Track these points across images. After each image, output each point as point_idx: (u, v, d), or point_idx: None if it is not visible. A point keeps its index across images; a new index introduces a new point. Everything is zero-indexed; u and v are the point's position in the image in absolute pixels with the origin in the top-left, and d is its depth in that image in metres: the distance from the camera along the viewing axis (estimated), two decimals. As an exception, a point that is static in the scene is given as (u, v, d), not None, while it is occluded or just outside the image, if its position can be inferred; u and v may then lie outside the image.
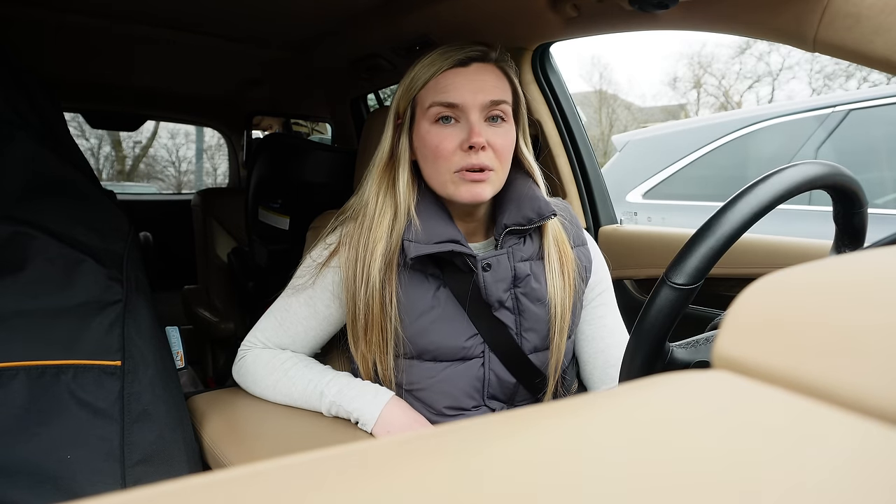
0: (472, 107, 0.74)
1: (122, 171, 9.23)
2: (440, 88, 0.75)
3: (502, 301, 0.79)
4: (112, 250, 0.80)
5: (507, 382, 0.81)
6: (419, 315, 0.78)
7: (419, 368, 0.80)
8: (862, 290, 0.21)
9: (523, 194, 0.80)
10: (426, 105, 0.76)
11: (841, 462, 0.14)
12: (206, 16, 1.37)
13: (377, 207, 0.80)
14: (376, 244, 0.77)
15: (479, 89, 0.74)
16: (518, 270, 0.79)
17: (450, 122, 0.75)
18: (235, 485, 0.15)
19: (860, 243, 0.66)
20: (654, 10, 0.91)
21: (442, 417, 0.81)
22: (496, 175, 0.76)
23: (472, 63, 0.76)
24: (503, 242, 0.79)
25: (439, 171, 0.76)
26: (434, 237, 0.75)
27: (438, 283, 0.80)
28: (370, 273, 0.77)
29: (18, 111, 0.81)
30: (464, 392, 0.80)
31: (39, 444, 0.64)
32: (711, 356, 0.21)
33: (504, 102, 0.76)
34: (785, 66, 9.51)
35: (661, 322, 0.53)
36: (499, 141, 0.75)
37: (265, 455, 0.73)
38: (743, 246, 0.68)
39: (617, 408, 0.19)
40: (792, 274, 0.23)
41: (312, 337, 0.87)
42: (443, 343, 0.78)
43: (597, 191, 1.42)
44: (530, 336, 0.81)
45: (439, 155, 0.75)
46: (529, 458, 0.15)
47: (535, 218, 0.78)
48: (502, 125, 0.77)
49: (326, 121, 2.55)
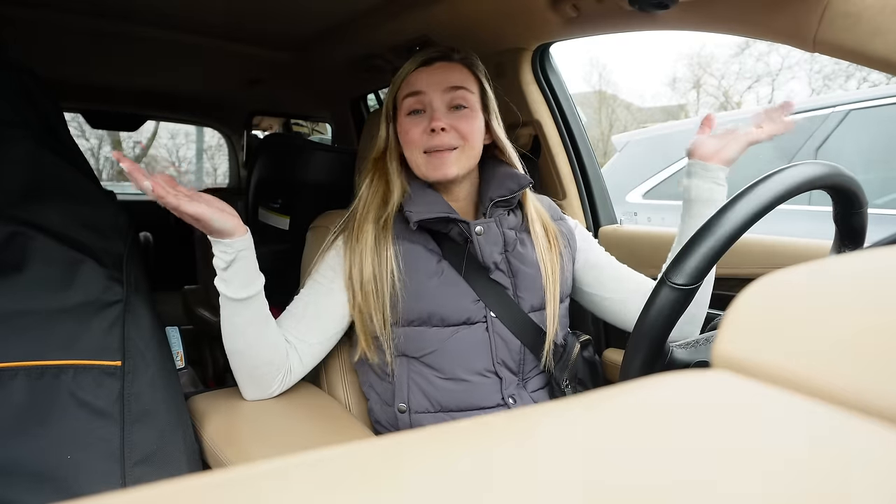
0: (433, 94, 0.86)
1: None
2: (409, 83, 0.88)
3: (497, 263, 0.87)
4: (112, 250, 0.80)
5: (513, 346, 0.87)
6: (426, 280, 0.86)
7: (427, 334, 0.85)
8: (862, 290, 0.21)
9: (503, 172, 0.91)
10: (401, 100, 0.89)
11: (841, 461, 0.14)
12: (206, 16, 1.37)
13: (371, 190, 0.91)
14: (368, 214, 0.88)
15: (439, 80, 0.87)
16: (507, 236, 0.89)
17: (419, 114, 0.87)
18: (235, 485, 0.15)
19: (860, 243, 0.66)
20: (653, 10, 0.91)
21: (455, 382, 0.85)
22: (462, 153, 0.86)
23: (436, 62, 0.88)
24: (491, 213, 0.88)
25: (412, 155, 0.88)
26: (431, 210, 0.85)
27: (438, 256, 0.88)
28: (367, 239, 0.86)
29: (18, 111, 0.81)
30: (473, 357, 0.86)
31: (39, 444, 0.64)
32: (711, 356, 0.21)
33: (463, 89, 0.87)
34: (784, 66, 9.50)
35: (661, 322, 0.53)
36: (461, 124, 0.86)
37: (265, 455, 0.73)
38: (743, 246, 0.68)
39: (617, 407, 0.19)
40: (792, 274, 0.23)
41: (322, 323, 0.88)
42: (448, 304, 0.85)
43: (597, 191, 1.42)
44: (526, 296, 0.89)
45: (409, 140, 0.87)
46: (529, 458, 0.15)
47: (515, 188, 0.89)
48: (464, 111, 0.87)
49: (326, 121, 2.55)
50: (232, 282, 0.78)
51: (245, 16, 1.36)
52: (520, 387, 0.88)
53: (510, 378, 0.87)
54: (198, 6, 1.30)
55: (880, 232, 0.66)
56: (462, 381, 0.85)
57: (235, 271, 0.78)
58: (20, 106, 0.81)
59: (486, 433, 0.17)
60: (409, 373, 0.86)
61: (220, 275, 0.79)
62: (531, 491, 0.14)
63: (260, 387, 0.85)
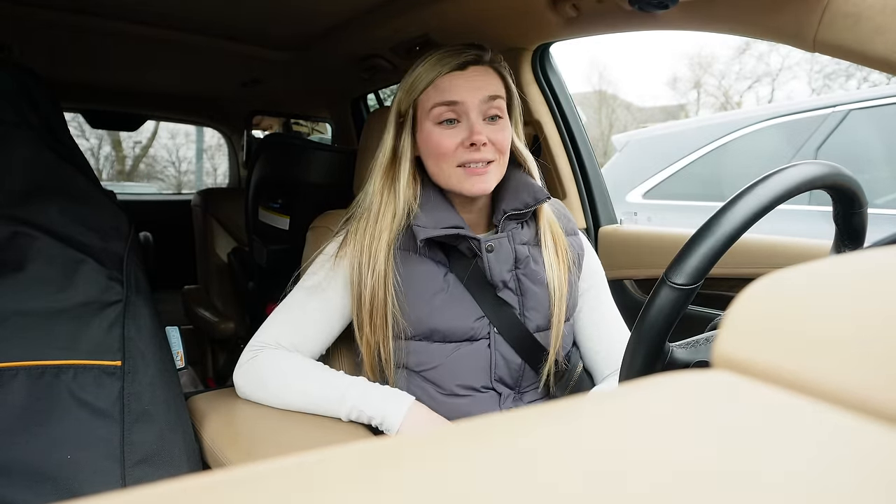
0: (471, 104, 0.81)
1: (122, 171, 9.21)
2: (441, 90, 0.82)
3: (506, 281, 0.85)
4: (112, 250, 0.80)
5: (513, 363, 0.85)
6: (430, 297, 0.83)
7: (429, 349, 0.84)
8: (862, 290, 0.21)
9: (520, 182, 0.87)
10: (428, 107, 0.82)
11: (842, 462, 0.14)
12: (206, 16, 1.37)
13: (382, 200, 0.86)
14: (382, 233, 0.84)
15: (477, 88, 0.81)
16: (518, 252, 0.86)
17: (453, 124, 0.82)
18: (235, 485, 0.15)
19: (860, 243, 0.66)
20: (653, 10, 0.91)
21: (454, 398, 0.84)
22: (497, 166, 0.83)
23: (469, 66, 0.82)
24: (503, 227, 0.85)
25: (443, 168, 0.83)
26: (440, 224, 0.82)
27: (445, 269, 0.86)
28: (377, 259, 0.82)
29: (19, 111, 0.81)
30: (472, 373, 0.84)
31: (39, 444, 0.64)
32: (711, 356, 0.21)
33: (500, 98, 0.83)
34: (784, 67, 9.50)
35: (661, 322, 0.53)
36: (498, 137, 0.82)
37: (265, 455, 0.73)
38: (743, 246, 0.68)
39: (617, 408, 0.19)
40: (792, 274, 0.23)
41: (325, 335, 0.88)
42: (451, 323, 0.83)
43: (597, 191, 1.42)
44: (533, 315, 0.86)
45: (442, 152, 0.82)
46: (529, 459, 0.15)
47: (531, 202, 0.85)
48: (499, 122, 0.83)
49: (326, 121, 2.55)
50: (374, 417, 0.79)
51: (245, 16, 1.36)
52: (517, 399, 0.87)
53: (507, 392, 0.86)
54: (198, 6, 1.30)
55: (880, 232, 0.66)
56: (460, 396, 0.84)
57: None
58: (20, 106, 0.81)
59: (485, 433, 0.17)
60: (410, 385, 0.85)
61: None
62: (531, 491, 0.14)
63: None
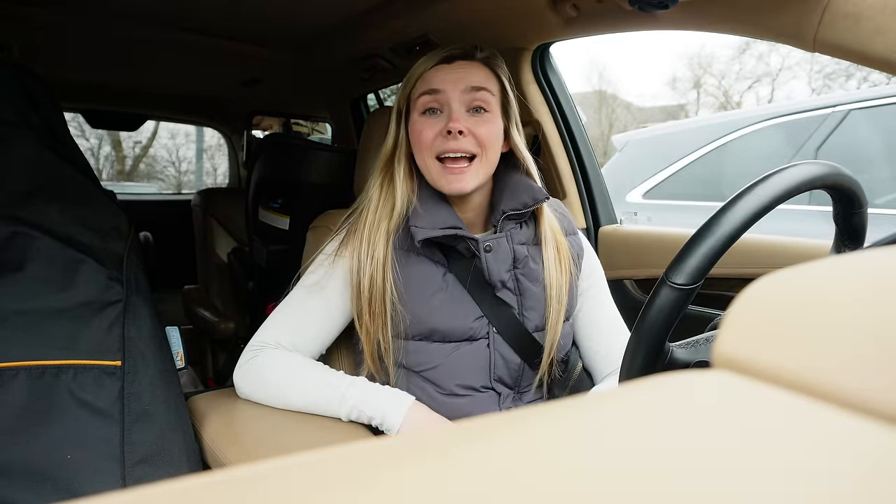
0: (452, 94, 0.80)
1: (122, 171, 9.22)
2: (426, 80, 0.82)
3: (504, 282, 0.84)
4: (112, 250, 0.80)
5: (512, 363, 0.85)
6: (429, 296, 0.83)
7: (428, 349, 0.83)
8: (862, 290, 0.21)
9: (519, 182, 0.86)
10: (416, 98, 0.83)
11: (841, 462, 0.14)
12: (206, 16, 1.37)
13: (381, 194, 0.86)
14: (381, 222, 0.84)
15: (459, 78, 0.81)
16: (517, 252, 0.85)
17: (435, 114, 0.82)
18: (235, 485, 0.15)
19: (860, 243, 0.66)
20: (654, 10, 0.91)
21: (453, 398, 0.84)
22: (478, 164, 0.81)
23: (456, 60, 0.83)
24: (501, 227, 0.84)
25: (424, 160, 0.82)
26: (438, 224, 0.81)
27: (444, 269, 0.85)
28: (376, 247, 0.83)
29: (19, 111, 0.81)
30: (472, 373, 0.84)
31: (39, 444, 0.64)
32: (711, 356, 0.21)
33: (484, 90, 0.81)
34: (784, 66, 9.50)
35: (661, 322, 0.53)
36: (480, 130, 0.80)
37: (265, 455, 0.73)
38: (743, 246, 0.68)
39: (617, 408, 0.19)
40: (792, 274, 0.23)
41: (325, 334, 0.88)
42: (450, 323, 0.82)
43: (597, 191, 1.42)
44: (531, 315, 0.86)
45: (422, 141, 0.81)
46: (529, 459, 0.15)
47: (530, 202, 0.84)
48: (484, 115, 0.82)
49: (326, 121, 2.55)
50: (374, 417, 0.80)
51: (245, 16, 1.36)
52: (516, 399, 0.87)
53: (507, 392, 0.86)
54: (198, 6, 1.30)
55: (880, 232, 0.66)
56: (460, 396, 0.83)
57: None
58: (21, 106, 0.81)
59: (485, 433, 0.17)
60: (410, 385, 0.85)
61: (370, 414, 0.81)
62: (531, 491, 0.14)
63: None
